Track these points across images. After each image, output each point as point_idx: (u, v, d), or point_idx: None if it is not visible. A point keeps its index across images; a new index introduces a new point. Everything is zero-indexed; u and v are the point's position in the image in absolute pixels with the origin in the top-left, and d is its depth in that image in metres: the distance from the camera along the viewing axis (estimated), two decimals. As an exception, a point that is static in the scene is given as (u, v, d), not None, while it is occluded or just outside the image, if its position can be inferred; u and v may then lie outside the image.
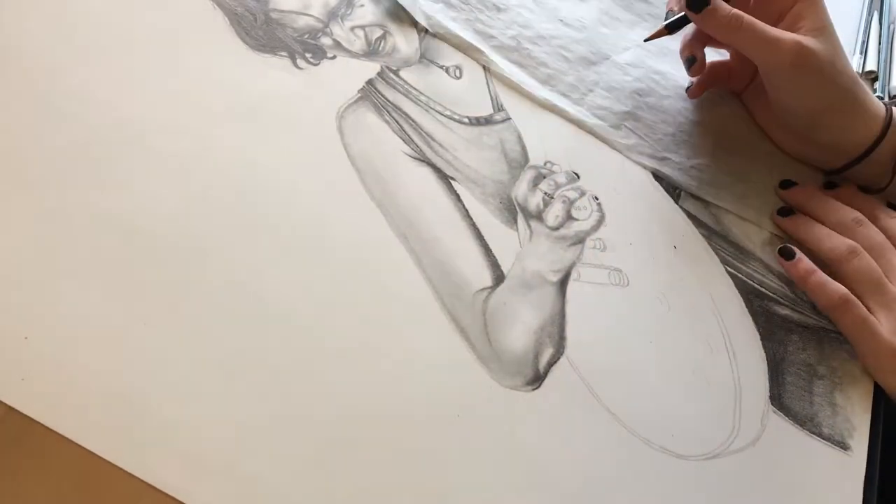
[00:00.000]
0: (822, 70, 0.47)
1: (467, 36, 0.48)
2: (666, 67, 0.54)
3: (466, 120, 0.46)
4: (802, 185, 0.52)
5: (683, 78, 0.54)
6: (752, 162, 0.53)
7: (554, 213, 0.44)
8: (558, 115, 0.48)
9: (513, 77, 0.47)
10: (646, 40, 0.51)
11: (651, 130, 0.50)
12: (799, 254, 0.47)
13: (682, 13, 0.49)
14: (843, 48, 0.49)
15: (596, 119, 0.49)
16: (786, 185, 0.52)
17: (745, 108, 0.56)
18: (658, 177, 0.49)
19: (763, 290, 0.46)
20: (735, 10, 0.47)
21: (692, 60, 0.51)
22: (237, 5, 0.45)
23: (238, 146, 0.40)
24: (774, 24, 0.49)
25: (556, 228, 0.44)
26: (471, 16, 0.49)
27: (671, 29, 0.50)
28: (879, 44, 0.60)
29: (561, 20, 0.51)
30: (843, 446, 0.41)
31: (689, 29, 0.51)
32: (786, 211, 0.51)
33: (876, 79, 0.58)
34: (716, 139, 0.53)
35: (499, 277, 0.41)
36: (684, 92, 0.54)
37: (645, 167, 0.49)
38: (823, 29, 0.48)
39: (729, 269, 0.46)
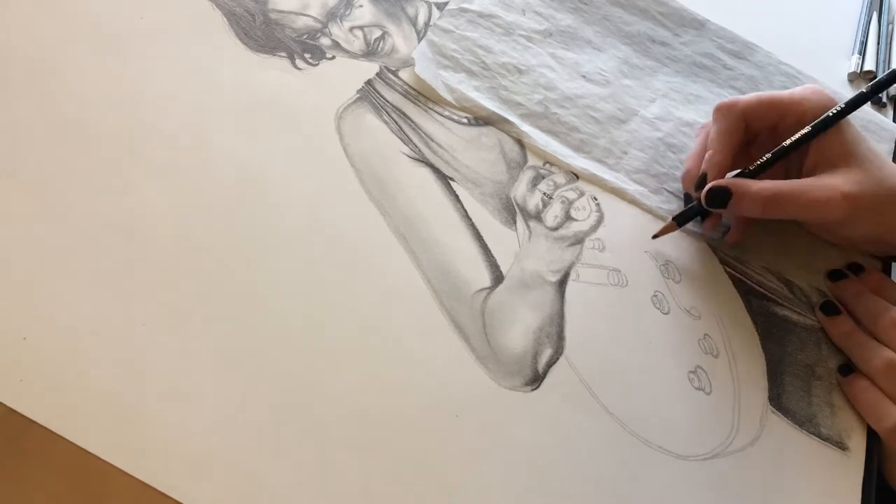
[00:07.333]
0: (877, 200, 0.43)
1: (494, 107, 0.47)
2: (692, 116, 0.52)
3: (465, 120, 0.46)
4: (851, 281, 0.47)
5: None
6: (789, 222, 0.49)
7: (553, 213, 0.44)
8: (597, 184, 0.46)
9: (547, 148, 0.46)
10: (654, 237, 0.45)
11: None
12: (843, 314, 0.45)
13: (694, 203, 0.45)
14: (868, 143, 0.45)
15: (636, 185, 0.47)
16: (835, 276, 0.47)
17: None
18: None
19: (762, 290, 0.46)
20: (764, 188, 0.43)
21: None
22: (236, 6, 0.45)
23: (237, 147, 0.40)
24: (804, 160, 0.45)
25: (556, 229, 0.44)
26: (494, 83, 0.48)
27: (681, 222, 0.45)
28: (878, 44, 0.61)
29: (584, 76, 0.50)
30: (842, 446, 0.41)
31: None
32: (837, 274, 0.47)
33: (874, 79, 0.58)
34: None
35: (498, 278, 0.41)
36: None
37: (686, 231, 0.47)
38: (853, 154, 0.43)
39: (728, 269, 0.46)
